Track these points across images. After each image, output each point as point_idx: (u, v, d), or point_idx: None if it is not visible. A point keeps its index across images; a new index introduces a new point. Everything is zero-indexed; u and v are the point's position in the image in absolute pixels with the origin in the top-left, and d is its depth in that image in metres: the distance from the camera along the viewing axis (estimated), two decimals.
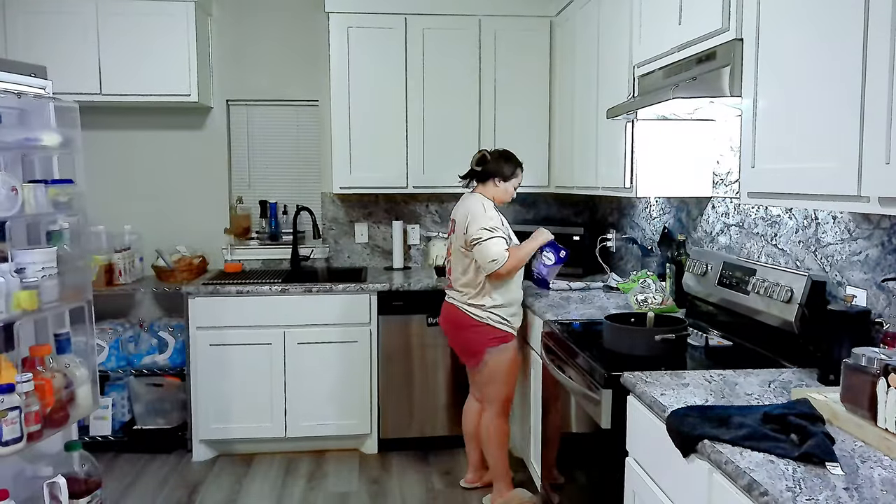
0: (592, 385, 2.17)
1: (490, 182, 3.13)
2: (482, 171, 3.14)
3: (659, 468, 1.81)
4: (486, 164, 3.14)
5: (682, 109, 2.60)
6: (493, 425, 3.18)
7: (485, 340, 3.08)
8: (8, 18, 3.73)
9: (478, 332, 3.09)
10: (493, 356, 3.10)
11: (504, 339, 3.11)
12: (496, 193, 3.15)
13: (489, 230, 2.98)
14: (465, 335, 3.14)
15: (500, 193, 3.15)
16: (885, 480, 1.31)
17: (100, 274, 3.79)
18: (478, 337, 3.09)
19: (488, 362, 3.11)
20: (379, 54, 3.95)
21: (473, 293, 3.08)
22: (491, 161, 3.14)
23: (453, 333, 3.22)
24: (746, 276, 2.36)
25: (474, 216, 3.02)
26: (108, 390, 3.93)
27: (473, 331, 3.09)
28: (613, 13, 3.05)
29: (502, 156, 3.17)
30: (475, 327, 3.08)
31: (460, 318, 3.12)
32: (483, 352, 3.10)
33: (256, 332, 3.72)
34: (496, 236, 2.98)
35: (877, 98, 1.42)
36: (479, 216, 3.01)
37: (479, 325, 3.08)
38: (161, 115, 4.24)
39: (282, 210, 4.37)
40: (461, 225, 3.08)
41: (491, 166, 3.13)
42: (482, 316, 3.07)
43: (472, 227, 3.00)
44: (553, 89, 4.07)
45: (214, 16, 4.25)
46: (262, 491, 3.44)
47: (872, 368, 1.51)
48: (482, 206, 3.06)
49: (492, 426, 3.18)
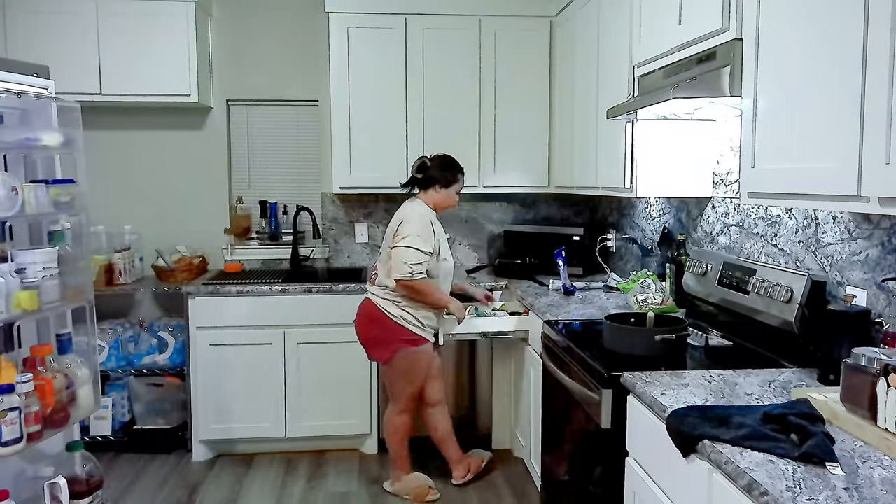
0: (592, 385, 2.18)
1: (432, 189, 3.22)
2: (423, 178, 3.22)
3: (659, 468, 1.81)
4: (426, 170, 3.22)
5: (682, 109, 2.60)
6: (397, 421, 3.30)
7: (394, 339, 3.16)
8: (8, 18, 3.73)
9: (388, 331, 3.16)
10: (402, 357, 3.18)
11: (416, 342, 3.18)
12: (437, 200, 3.23)
13: (415, 248, 3.04)
14: (376, 331, 3.21)
15: (441, 199, 3.23)
16: (885, 480, 1.31)
17: (100, 274, 3.79)
18: (389, 335, 3.16)
19: (397, 361, 3.19)
20: (379, 54, 3.96)
21: (390, 290, 3.15)
22: (431, 167, 3.22)
23: (365, 326, 3.26)
24: (746, 276, 2.36)
25: (407, 220, 3.11)
26: (108, 390, 3.92)
27: (383, 328, 3.16)
28: (613, 13, 3.05)
29: (443, 162, 3.25)
30: (385, 324, 3.15)
31: (374, 312, 3.18)
32: (393, 350, 3.17)
33: (256, 332, 3.72)
34: (421, 251, 3.05)
35: (877, 98, 1.42)
36: (412, 222, 3.10)
37: (390, 323, 3.14)
38: (161, 115, 4.24)
39: (282, 210, 4.37)
40: (393, 227, 3.17)
41: (431, 172, 3.21)
42: (395, 314, 3.14)
43: (402, 229, 3.09)
44: (553, 89, 4.07)
45: (214, 16, 4.25)
46: (262, 491, 3.44)
47: (872, 368, 1.51)
48: (418, 213, 3.14)
49: (396, 422, 3.31)
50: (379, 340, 3.22)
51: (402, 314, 3.15)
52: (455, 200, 3.30)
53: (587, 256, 3.92)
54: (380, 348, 3.24)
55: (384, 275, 3.18)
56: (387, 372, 3.30)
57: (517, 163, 4.11)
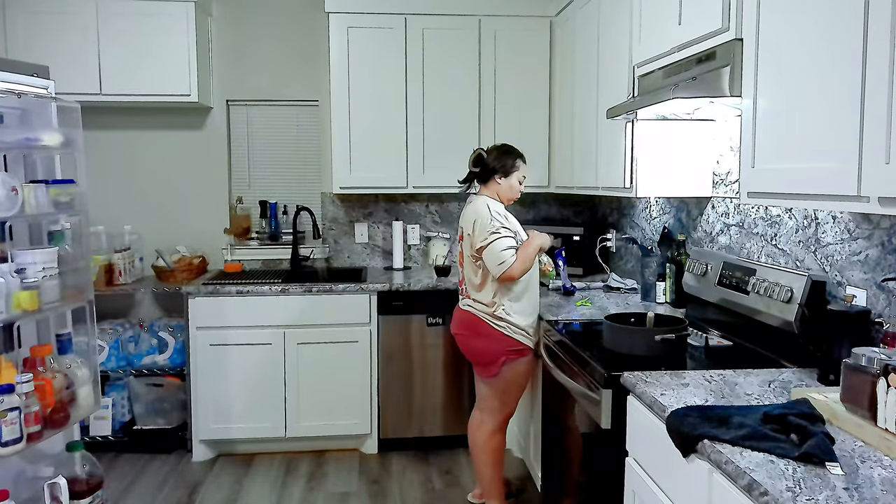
0: (592, 385, 2.18)
1: (492, 181, 2.97)
2: (481, 171, 2.98)
3: (659, 468, 1.81)
4: (483, 162, 2.98)
5: (681, 109, 2.60)
6: (492, 440, 3.04)
7: (502, 351, 2.90)
8: (8, 18, 3.73)
9: (494, 341, 2.90)
10: (510, 369, 2.93)
11: (522, 353, 2.93)
12: (501, 191, 2.98)
13: (495, 232, 2.82)
14: (480, 343, 2.95)
15: (505, 190, 2.97)
16: (885, 480, 1.31)
17: (100, 274, 3.80)
18: (494, 346, 2.91)
19: (504, 375, 2.94)
20: (379, 54, 3.96)
21: (489, 300, 2.90)
22: (488, 158, 2.98)
23: (468, 340, 3.01)
24: (746, 276, 2.36)
25: (480, 219, 2.86)
26: (108, 390, 3.93)
27: (490, 339, 2.91)
28: (613, 13, 3.05)
29: (500, 150, 3.01)
30: (491, 335, 2.90)
31: (476, 324, 2.94)
32: (500, 363, 2.92)
33: (256, 332, 3.72)
34: (502, 236, 2.82)
35: (877, 98, 1.42)
36: (484, 219, 2.85)
37: (496, 334, 2.90)
38: (161, 115, 4.24)
39: (282, 210, 4.37)
40: (468, 231, 2.94)
41: (489, 162, 2.97)
42: (499, 324, 2.90)
43: (478, 231, 2.86)
44: (553, 89, 4.07)
45: (214, 16, 4.25)
46: (262, 491, 3.44)
47: (872, 368, 1.51)
48: (487, 207, 2.89)
49: (489, 441, 3.04)
50: (483, 353, 2.95)
51: (507, 325, 2.89)
52: (519, 190, 3.00)
53: (587, 256, 3.93)
54: (484, 362, 2.97)
55: (475, 288, 2.93)
56: (487, 388, 3.03)
57: None
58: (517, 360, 2.94)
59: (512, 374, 2.95)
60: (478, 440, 3.08)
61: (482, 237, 2.84)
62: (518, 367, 2.95)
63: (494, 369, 2.94)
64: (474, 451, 3.12)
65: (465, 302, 3.02)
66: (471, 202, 3.02)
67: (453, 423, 3.83)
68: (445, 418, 3.87)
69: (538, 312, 3.01)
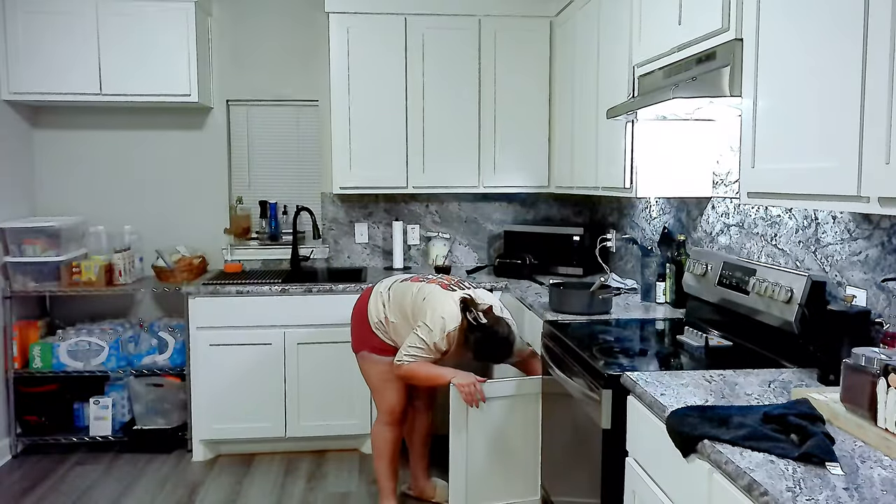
0: (592, 385, 2.18)
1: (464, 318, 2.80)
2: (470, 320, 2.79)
3: (659, 468, 1.81)
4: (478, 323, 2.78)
5: (682, 109, 2.60)
6: (375, 433, 3.14)
7: (365, 343, 3.03)
8: (8, 18, 3.73)
9: (366, 333, 3.02)
10: (364, 361, 3.07)
11: (381, 352, 3.00)
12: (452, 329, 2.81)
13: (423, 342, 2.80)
14: (359, 328, 3.06)
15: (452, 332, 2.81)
16: (885, 480, 1.31)
17: (100, 274, 3.80)
18: (364, 335, 3.03)
19: (360, 364, 3.10)
20: (379, 54, 3.95)
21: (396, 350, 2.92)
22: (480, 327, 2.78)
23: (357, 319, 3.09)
24: (746, 276, 2.36)
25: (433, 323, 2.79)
26: (108, 390, 3.93)
27: (365, 329, 3.02)
28: (613, 13, 3.05)
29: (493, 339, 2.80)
30: (367, 326, 3.01)
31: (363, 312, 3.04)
32: (358, 351, 3.07)
33: (256, 332, 3.72)
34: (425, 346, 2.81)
35: (877, 98, 1.42)
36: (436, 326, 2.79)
37: (370, 329, 3.01)
38: (161, 115, 4.24)
39: (282, 210, 4.36)
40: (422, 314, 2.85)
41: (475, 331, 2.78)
42: (376, 324, 2.99)
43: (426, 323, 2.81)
44: (553, 89, 4.07)
45: (214, 16, 4.25)
46: (262, 491, 3.44)
47: (872, 368, 1.51)
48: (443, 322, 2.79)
49: (373, 433, 3.16)
50: (354, 334, 3.10)
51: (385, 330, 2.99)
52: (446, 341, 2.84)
53: (587, 256, 3.93)
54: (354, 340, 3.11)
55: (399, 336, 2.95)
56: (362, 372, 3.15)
57: (517, 163, 4.11)
58: (372, 356, 3.02)
59: (366, 367, 3.07)
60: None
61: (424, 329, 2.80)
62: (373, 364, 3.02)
63: (356, 347, 3.08)
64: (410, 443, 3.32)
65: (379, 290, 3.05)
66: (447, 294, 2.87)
67: None
68: (445, 418, 3.86)
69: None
